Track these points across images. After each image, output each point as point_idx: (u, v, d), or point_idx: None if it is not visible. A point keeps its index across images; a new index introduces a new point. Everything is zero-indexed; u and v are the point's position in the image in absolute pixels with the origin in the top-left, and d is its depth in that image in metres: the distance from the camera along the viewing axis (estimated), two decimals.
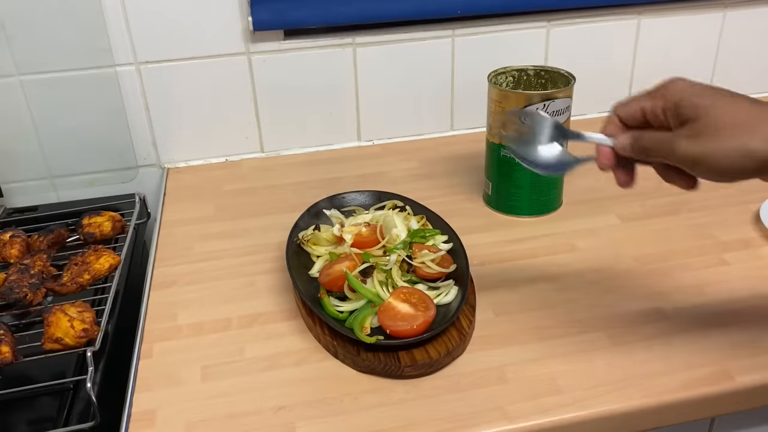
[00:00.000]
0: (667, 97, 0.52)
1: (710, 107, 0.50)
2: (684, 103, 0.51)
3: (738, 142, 0.49)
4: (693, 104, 0.51)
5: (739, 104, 0.50)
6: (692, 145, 0.50)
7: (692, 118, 0.50)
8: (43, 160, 1.01)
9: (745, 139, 0.49)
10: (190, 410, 0.60)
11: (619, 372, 0.62)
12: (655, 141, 0.53)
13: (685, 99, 0.51)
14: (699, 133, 0.50)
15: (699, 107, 0.50)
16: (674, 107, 0.52)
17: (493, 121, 0.73)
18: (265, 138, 1.08)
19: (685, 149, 0.51)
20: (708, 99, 0.51)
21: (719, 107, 0.50)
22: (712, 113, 0.50)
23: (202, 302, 0.74)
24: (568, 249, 0.81)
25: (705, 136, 0.50)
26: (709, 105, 0.50)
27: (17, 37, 0.92)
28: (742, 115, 0.49)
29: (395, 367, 0.62)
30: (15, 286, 0.72)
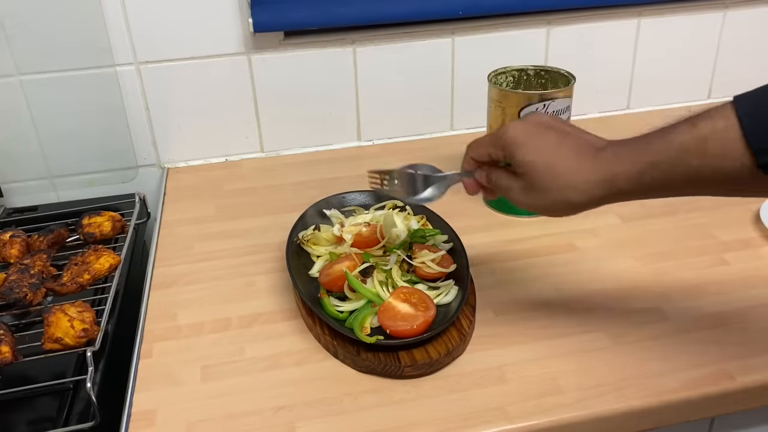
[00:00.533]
0: (504, 149, 0.58)
1: (534, 167, 0.56)
2: (516, 158, 0.57)
3: (561, 197, 0.55)
4: (522, 161, 0.56)
5: (561, 157, 0.55)
6: (527, 198, 0.58)
7: (523, 173, 0.57)
8: (43, 160, 1.01)
9: (565, 194, 0.55)
10: (190, 410, 0.60)
11: (619, 372, 0.62)
12: (501, 185, 0.60)
13: (516, 155, 0.57)
14: (530, 188, 0.57)
15: (526, 164, 0.56)
16: (511, 158, 0.58)
17: None
18: (265, 138, 1.08)
19: (523, 201, 0.58)
20: (531, 156, 0.56)
21: (542, 165, 0.55)
22: (537, 172, 0.56)
23: (202, 302, 0.74)
24: (568, 249, 0.81)
25: (534, 191, 0.57)
26: (533, 163, 0.56)
27: (17, 37, 0.92)
28: (561, 171, 0.55)
29: (395, 367, 0.62)
30: (15, 286, 0.72)
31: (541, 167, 0.55)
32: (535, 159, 0.56)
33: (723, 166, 0.49)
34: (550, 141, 0.56)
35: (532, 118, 0.59)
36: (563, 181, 0.55)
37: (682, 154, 0.50)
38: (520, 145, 0.57)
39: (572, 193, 0.55)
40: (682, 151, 0.50)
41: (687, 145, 0.49)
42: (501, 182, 0.60)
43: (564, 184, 0.55)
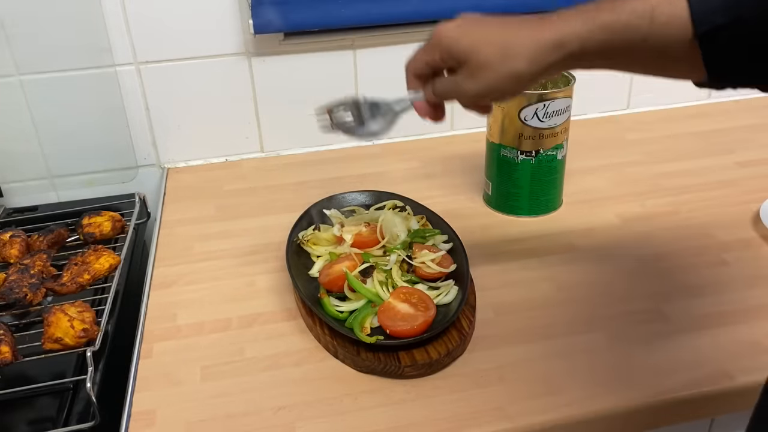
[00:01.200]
0: (440, 47, 0.57)
1: (473, 48, 0.55)
2: (453, 49, 0.56)
3: (508, 70, 0.54)
4: (459, 50, 0.56)
5: (502, 31, 0.54)
6: (473, 83, 0.56)
7: (464, 61, 0.55)
8: (43, 160, 1.01)
9: (512, 65, 0.53)
10: (190, 410, 0.60)
11: (619, 372, 0.62)
12: (446, 87, 0.59)
13: (453, 46, 0.56)
14: (474, 72, 0.55)
15: (464, 51, 0.55)
16: (448, 55, 0.57)
17: None
18: (265, 138, 1.08)
19: (470, 88, 0.56)
20: (467, 39, 0.55)
21: (480, 45, 0.55)
22: (475, 53, 0.55)
23: (202, 302, 0.74)
24: (568, 249, 0.81)
25: (479, 73, 0.55)
26: (471, 45, 0.55)
27: (17, 37, 0.92)
28: (504, 42, 0.54)
29: (395, 367, 0.62)
30: (15, 286, 0.72)
31: (482, 45, 0.55)
32: (474, 41, 0.55)
33: (667, 34, 0.49)
34: (487, 23, 0.56)
35: (462, 16, 0.58)
36: (508, 52, 0.53)
37: (632, 18, 0.49)
38: (455, 38, 0.56)
39: (520, 63, 0.53)
40: (632, 15, 0.49)
41: (637, 10, 0.49)
42: (446, 85, 0.59)
43: (509, 54, 0.53)
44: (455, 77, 0.58)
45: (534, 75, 0.54)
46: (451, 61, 0.57)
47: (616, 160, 1.01)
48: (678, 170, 0.97)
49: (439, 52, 0.58)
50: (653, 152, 1.03)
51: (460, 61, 0.56)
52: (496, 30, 0.55)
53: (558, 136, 0.83)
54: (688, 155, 1.02)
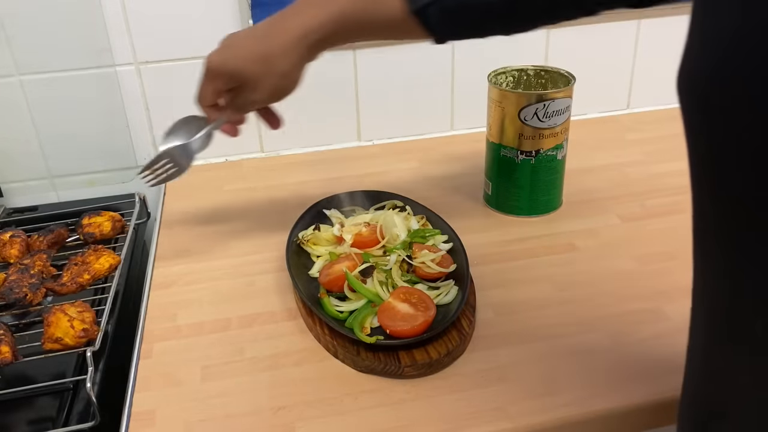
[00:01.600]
0: (214, 76, 0.67)
1: (240, 69, 0.66)
2: (225, 74, 0.67)
3: (276, 75, 0.65)
4: (231, 73, 0.66)
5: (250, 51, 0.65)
6: (258, 94, 0.67)
7: (241, 81, 0.67)
8: (43, 160, 1.01)
9: (275, 70, 0.65)
10: (190, 410, 0.60)
11: (619, 372, 0.62)
12: (242, 104, 0.70)
13: (223, 72, 0.67)
14: (253, 87, 0.67)
15: (235, 74, 0.66)
16: (224, 80, 0.67)
17: None
18: (265, 138, 1.08)
19: (258, 98, 0.68)
20: (233, 63, 0.66)
21: (245, 65, 0.65)
22: (245, 72, 0.66)
23: (202, 302, 0.74)
24: (568, 249, 0.81)
25: (257, 85, 0.66)
26: (238, 67, 0.66)
27: (17, 37, 0.93)
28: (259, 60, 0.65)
29: (395, 367, 0.62)
30: (15, 286, 0.72)
31: (247, 64, 0.65)
32: (238, 62, 0.66)
33: (388, 13, 0.60)
34: (243, 41, 0.66)
35: (223, 40, 0.68)
36: (268, 61, 0.64)
37: (357, 4, 0.61)
38: (222, 64, 0.66)
39: (281, 64, 0.64)
40: (356, 2, 0.61)
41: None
42: (241, 103, 0.70)
43: (270, 62, 0.64)
44: (244, 94, 0.68)
45: (296, 65, 0.65)
46: (231, 83, 0.68)
47: (616, 160, 1.01)
48: (678, 170, 0.97)
49: (216, 80, 0.68)
50: (653, 152, 1.03)
51: (238, 81, 0.67)
52: (252, 45, 0.65)
53: (558, 136, 0.83)
54: None
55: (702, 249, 0.37)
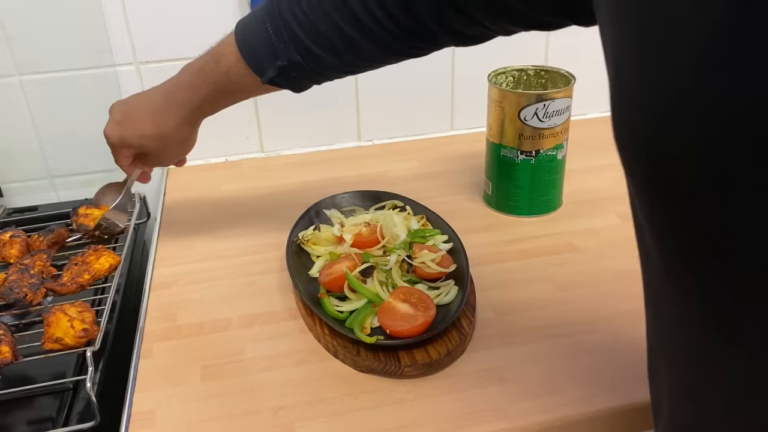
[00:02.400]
0: (125, 149, 0.76)
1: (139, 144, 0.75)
2: (126, 147, 0.75)
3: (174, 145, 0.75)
4: (131, 146, 0.75)
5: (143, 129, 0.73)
6: (163, 160, 0.79)
7: (147, 153, 0.76)
8: (43, 160, 1.01)
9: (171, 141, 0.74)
10: (190, 410, 0.60)
11: (619, 372, 0.62)
12: (151, 164, 0.80)
13: (123, 145, 0.75)
14: (156, 156, 0.77)
15: (141, 149, 0.75)
16: (128, 150, 0.76)
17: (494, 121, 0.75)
18: (265, 138, 1.08)
19: (165, 162, 0.80)
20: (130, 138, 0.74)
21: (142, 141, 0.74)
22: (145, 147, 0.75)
23: (202, 302, 0.74)
24: (568, 249, 0.81)
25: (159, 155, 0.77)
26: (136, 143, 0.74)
27: (17, 37, 0.93)
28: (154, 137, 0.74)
29: (395, 367, 0.62)
30: (15, 286, 0.72)
31: (144, 140, 0.74)
32: (135, 139, 0.74)
33: (248, 83, 0.67)
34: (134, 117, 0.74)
35: (111, 112, 0.76)
36: (166, 138, 0.73)
37: (218, 80, 0.68)
38: (120, 139, 0.74)
39: (176, 137, 0.74)
40: (218, 77, 0.68)
41: (217, 73, 0.68)
42: (150, 163, 0.79)
43: (168, 139, 0.74)
44: (149, 160, 0.78)
45: (189, 134, 0.75)
46: (137, 151, 0.76)
47: (616, 160, 1.00)
48: None
49: (122, 151, 0.76)
50: None
51: (142, 151, 0.76)
52: (147, 126, 0.73)
53: (558, 136, 0.83)
54: None
55: None
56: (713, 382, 0.34)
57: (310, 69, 0.65)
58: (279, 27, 0.62)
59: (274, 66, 0.64)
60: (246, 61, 0.65)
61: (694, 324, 0.34)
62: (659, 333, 0.38)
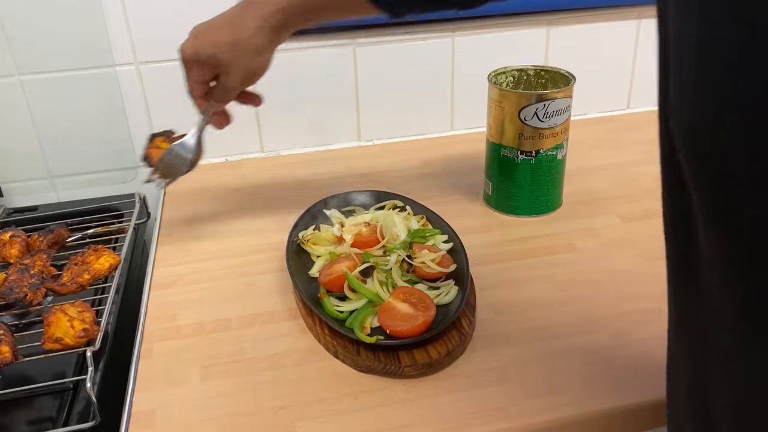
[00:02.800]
0: (190, 64, 0.71)
1: (213, 54, 0.69)
2: (200, 61, 0.70)
3: (246, 55, 0.69)
4: (204, 60, 0.70)
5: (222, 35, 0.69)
6: (232, 78, 0.71)
7: (215, 65, 0.70)
8: (43, 160, 1.01)
9: (244, 54, 0.69)
10: (190, 410, 0.60)
11: (619, 372, 0.62)
12: (219, 93, 0.73)
13: (197, 59, 0.70)
14: (227, 70, 0.70)
15: (209, 59, 0.69)
16: (201, 67, 0.70)
17: None
18: (265, 138, 1.08)
19: (233, 82, 0.71)
20: (205, 50, 0.69)
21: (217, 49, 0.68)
22: (218, 57, 0.69)
23: (202, 302, 0.74)
24: (568, 249, 0.81)
25: (230, 69, 0.70)
26: (211, 53, 0.69)
27: (17, 37, 0.92)
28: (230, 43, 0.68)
29: (395, 367, 0.62)
30: (15, 286, 0.72)
31: (218, 48, 0.68)
32: (210, 48, 0.68)
33: None
34: (214, 28, 0.69)
35: (193, 30, 0.72)
36: (238, 44, 0.68)
37: None
38: (195, 52, 0.69)
39: (249, 45, 0.68)
40: None
41: None
42: (218, 92, 0.73)
43: (240, 46, 0.68)
44: (219, 81, 0.72)
45: (264, 47, 0.68)
46: (207, 70, 0.71)
47: (616, 160, 1.01)
48: None
49: (194, 69, 0.71)
50: (653, 152, 1.03)
51: (212, 67, 0.70)
52: (221, 31, 0.68)
53: (558, 136, 0.83)
54: None
55: None
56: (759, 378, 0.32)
57: None
58: None
59: None
60: None
61: None
62: None
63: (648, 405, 0.59)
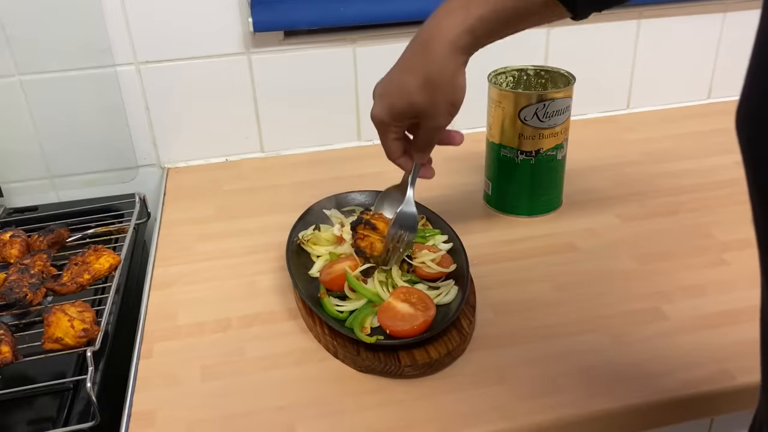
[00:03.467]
0: (394, 122, 0.67)
1: (413, 104, 0.64)
2: (404, 115, 0.66)
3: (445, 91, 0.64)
4: (407, 112, 0.66)
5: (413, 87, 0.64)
6: (437, 119, 0.66)
7: (418, 114, 0.66)
8: (43, 160, 1.01)
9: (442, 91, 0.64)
10: (190, 410, 0.60)
11: (619, 372, 0.62)
12: (424, 140, 0.70)
13: (399, 115, 0.66)
14: (432, 113, 0.65)
15: (411, 110, 0.65)
16: (404, 120, 0.67)
17: None
18: (265, 138, 1.08)
19: (439, 123, 0.67)
20: (403, 104, 0.65)
21: (415, 101, 0.64)
22: (419, 106, 0.64)
23: (202, 302, 0.74)
24: (568, 249, 0.81)
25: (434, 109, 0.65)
26: (411, 103, 0.64)
27: (17, 37, 0.93)
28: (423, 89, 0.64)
29: (395, 367, 0.62)
30: (15, 286, 0.72)
31: (413, 97, 0.64)
32: (405, 101, 0.64)
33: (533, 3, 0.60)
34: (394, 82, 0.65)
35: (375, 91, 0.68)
36: (433, 83, 0.63)
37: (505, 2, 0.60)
38: (390, 111, 0.66)
39: (444, 79, 0.63)
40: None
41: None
42: (423, 139, 0.69)
43: (435, 83, 0.63)
44: (424, 126, 0.67)
45: (458, 74, 0.64)
46: (406, 123, 0.68)
47: (616, 160, 1.01)
48: (678, 170, 0.97)
49: (392, 129, 0.68)
50: (653, 152, 1.03)
51: (411, 117, 0.66)
52: (410, 79, 0.64)
53: (558, 136, 0.83)
54: (688, 155, 1.02)
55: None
56: None
57: None
58: None
59: None
60: None
61: None
62: None
63: (648, 405, 0.59)
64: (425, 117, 0.66)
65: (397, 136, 0.69)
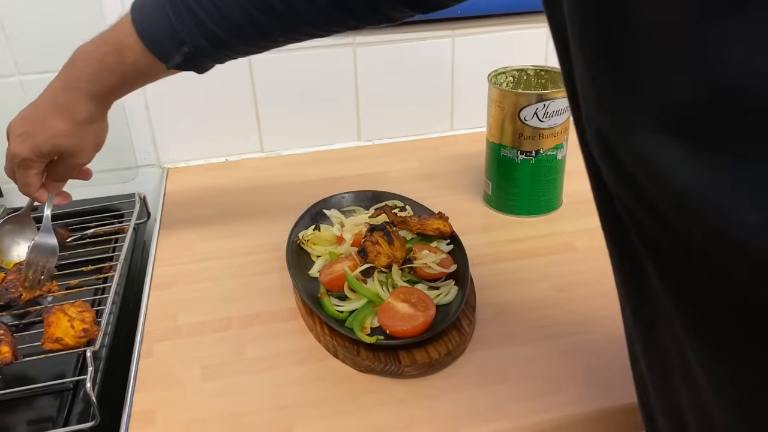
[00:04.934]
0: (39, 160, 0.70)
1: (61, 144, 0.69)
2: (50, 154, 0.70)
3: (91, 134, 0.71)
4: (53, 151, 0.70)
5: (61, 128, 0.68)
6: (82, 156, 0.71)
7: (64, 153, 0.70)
8: None
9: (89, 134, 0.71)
10: (190, 410, 0.60)
11: (619, 371, 0.62)
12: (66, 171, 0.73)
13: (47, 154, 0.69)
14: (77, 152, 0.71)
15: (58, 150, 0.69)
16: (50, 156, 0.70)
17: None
18: (265, 138, 1.08)
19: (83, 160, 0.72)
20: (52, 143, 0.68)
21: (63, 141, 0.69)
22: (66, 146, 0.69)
23: (202, 302, 0.74)
24: (568, 249, 0.81)
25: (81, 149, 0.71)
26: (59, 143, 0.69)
27: (17, 37, 0.92)
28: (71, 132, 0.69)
29: (395, 367, 0.62)
30: (11, 286, 0.72)
31: (60, 139, 0.68)
32: (53, 140, 0.68)
33: (150, 69, 0.66)
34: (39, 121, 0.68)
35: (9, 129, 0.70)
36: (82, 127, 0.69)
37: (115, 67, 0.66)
38: (37, 149, 0.68)
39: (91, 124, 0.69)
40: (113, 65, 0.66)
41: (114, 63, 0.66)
42: (64, 170, 0.73)
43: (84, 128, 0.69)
44: (66, 163, 0.71)
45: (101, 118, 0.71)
46: (48, 159, 0.71)
47: None
48: None
49: (34, 166, 0.70)
50: None
51: (55, 155, 0.70)
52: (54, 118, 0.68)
53: (558, 136, 0.83)
54: None
55: None
56: None
57: (217, 52, 0.65)
58: (181, 12, 0.61)
59: (180, 53, 0.64)
60: (150, 51, 0.64)
61: None
62: None
63: None
64: (70, 156, 0.71)
65: (38, 171, 0.71)
